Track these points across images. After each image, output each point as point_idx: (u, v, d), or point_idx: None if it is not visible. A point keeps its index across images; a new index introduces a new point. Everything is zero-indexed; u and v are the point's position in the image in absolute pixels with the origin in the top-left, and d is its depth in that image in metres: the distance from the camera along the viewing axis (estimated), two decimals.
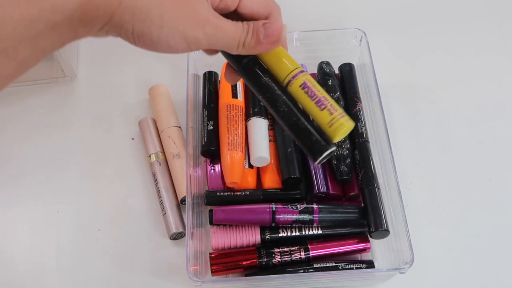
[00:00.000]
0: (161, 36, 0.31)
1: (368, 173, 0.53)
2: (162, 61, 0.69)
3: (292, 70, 0.38)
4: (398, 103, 0.65)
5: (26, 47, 0.28)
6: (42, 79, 0.67)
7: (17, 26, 0.27)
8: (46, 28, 0.28)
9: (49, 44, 0.29)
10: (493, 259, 0.55)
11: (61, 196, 0.59)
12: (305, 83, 0.37)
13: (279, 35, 0.35)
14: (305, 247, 0.51)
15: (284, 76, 0.38)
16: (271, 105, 0.38)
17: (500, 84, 0.67)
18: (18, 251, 0.56)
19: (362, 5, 0.74)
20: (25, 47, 0.28)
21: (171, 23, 0.31)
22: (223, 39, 0.34)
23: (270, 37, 0.35)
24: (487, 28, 0.72)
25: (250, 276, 0.51)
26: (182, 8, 0.32)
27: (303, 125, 0.37)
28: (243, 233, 0.52)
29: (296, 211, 0.51)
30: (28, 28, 0.27)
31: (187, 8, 0.32)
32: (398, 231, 0.50)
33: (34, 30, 0.27)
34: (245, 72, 0.39)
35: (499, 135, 0.63)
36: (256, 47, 0.35)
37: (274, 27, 0.35)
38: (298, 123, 0.37)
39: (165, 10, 0.31)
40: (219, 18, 0.34)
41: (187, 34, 0.32)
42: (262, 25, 0.35)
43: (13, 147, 0.63)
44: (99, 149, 0.62)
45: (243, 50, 0.35)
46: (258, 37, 0.34)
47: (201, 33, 0.32)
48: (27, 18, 0.27)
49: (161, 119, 0.61)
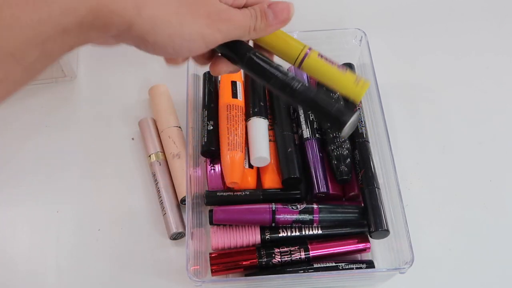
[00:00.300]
0: (183, 44, 0.32)
1: (368, 173, 0.53)
2: (162, 61, 0.69)
3: (303, 46, 0.39)
4: (398, 103, 0.65)
5: (33, 51, 0.27)
6: (42, 79, 0.67)
7: (25, 29, 0.26)
8: (55, 31, 0.27)
9: (58, 48, 0.28)
10: (493, 259, 0.55)
11: (61, 196, 0.59)
12: (321, 54, 0.39)
13: (288, 12, 0.35)
14: (305, 247, 0.51)
15: (296, 54, 0.39)
16: (284, 88, 0.38)
17: (500, 84, 0.67)
18: (18, 251, 0.56)
19: (362, 5, 0.74)
20: (33, 51, 0.27)
21: (190, 29, 0.31)
22: (236, 29, 0.34)
23: (279, 16, 0.35)
24: (487, 28, 0.72)
25: (250, 276, 0.51)
26: (197, 11, 0.32)
27: (323, 96, 0.38)
28: (243, 233, 0.52)
29: (296, 211, 0.51)
30: (36, 31, 0.26)
31: (201, 10, 0.32)
32: (398, 231, 0.50)
33: (43, 34, 0.26)
34: (251, 64, 0.38)
35: (499, 135, 0.63)
36: (267, 28, 0.35)
37: (280, 5, 0.35)
38: (318, 95, 0.37)
39: (183, 17, 0.31)
40: (227, 10, 0.34)
41: (205, 37, 0.32)
42: (268, 6, 0.35)
43: (13, 147, 0.63)
44: (99, 149, 0.62)
45: (254, 34, 0.35)
46: (267, 19, 0.35)
47: (217, 32, 0.33)
48: (36, 20, 0.26)
49: (161, 119, 0.61)
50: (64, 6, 0.27)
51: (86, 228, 0.57)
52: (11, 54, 0.26)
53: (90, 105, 0.66)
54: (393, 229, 0.51)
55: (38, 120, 0.65)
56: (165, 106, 0.62)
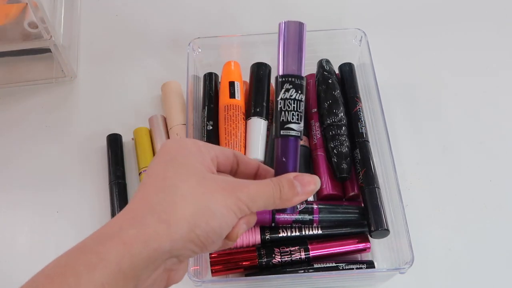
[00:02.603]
0: (215, 224, 0.30)
1: (369, 173, 0.53)
2: (162, 62, 0.69)
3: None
4: (398, 103, 0.65)
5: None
6: (42, 79, 0.67)
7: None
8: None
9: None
10: (493, 259, 0.55)
11: (61, 196, 0.59)
12: None
13: (314, 185, 0.35)
14: (305, 247, 0.51)
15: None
16: None
17: (500, 84, 0.67)
18: (18, 252, 0.56)
19: (362, 5, 0.74)
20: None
21: (218, 220, 0.30)
22: (259, 197, 0.33)
23: (306, 187, 0.34)
24: (487, 28, 0.72)
25: (250, 276, 0.51)
26: (212, 188, 0.31)
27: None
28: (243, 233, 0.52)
29: (296, 211, 0.51)
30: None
31: (214, 185, 0.31)
32: (398, 231, 0.50)
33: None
34: None
35: (499, 135, 0.63)
36: (294, 198, 0.34)
37: (307, 178, 0.34)
38: None
39: (209, 218, 0.30)
40: (242, 181, 0.33)
41: (232, 207, 0.31)
42: (294, 178, 0.34)
43: (13, 147, 0.63)
44: (99, 149, 0.62)
45: (280, 203, 0.34)
46: (295, 188, 0.34)
47: (238, 200, 0.31)
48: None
49: (171, 116, 0.61)
50: (118, 270, 0.27)
51: (86, 228, 0.57)
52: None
53: (90, 105, 0.66)
54: (393, 229, 0.51)
55: (38, 120, 0.65)
56: (176, 103, 0.62)
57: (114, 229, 0.28)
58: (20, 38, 0.60)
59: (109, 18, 0.73)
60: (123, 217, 0.29)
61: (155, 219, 0.28)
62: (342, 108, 0.57)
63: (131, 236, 0.28)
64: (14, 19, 0.59)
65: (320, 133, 0.57)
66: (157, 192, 0.30)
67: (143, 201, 0.30)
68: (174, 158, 0.31)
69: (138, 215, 0.29)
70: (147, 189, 0.30)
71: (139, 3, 0.75)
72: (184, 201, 0.29)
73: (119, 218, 0.29)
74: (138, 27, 0.73)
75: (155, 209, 0.29)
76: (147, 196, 0.30)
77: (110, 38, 0.72)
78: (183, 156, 0.32)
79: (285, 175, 0.34)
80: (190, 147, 0.32)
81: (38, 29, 0.59)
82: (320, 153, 0.56)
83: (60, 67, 0.65)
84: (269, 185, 0.33)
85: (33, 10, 0.56)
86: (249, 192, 0.32)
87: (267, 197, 0.33)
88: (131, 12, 0.74)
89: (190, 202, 0.29)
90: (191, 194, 0.30)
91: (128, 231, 0.28)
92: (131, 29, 0.72)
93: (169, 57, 0.69)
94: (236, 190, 0.31)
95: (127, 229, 0.28)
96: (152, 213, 0.29)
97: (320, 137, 0.57)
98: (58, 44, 0.61)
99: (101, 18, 0.74)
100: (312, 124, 0.58)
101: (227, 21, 0.73)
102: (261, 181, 0.33)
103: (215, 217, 0.30)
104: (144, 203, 0.30)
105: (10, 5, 0.59)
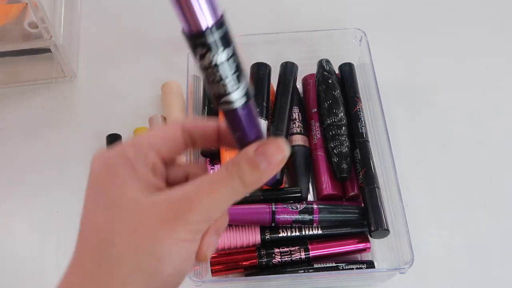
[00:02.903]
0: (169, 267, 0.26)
1: (369, 173, 0.53)
2: (162, 62, 0.69)
3: None
4: (398, 103, 0.65)
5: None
6: (42, 79, 0.67)
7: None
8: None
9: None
10: (493, 259, 0.55)
11: (61, 196, 0.59)
12: None
13: (282, 151, 0.27)
14: (305, 247, 0.51)
15: None
16: None
17: (500, 84, 0.67)
18: (18, 251, 0.56)
19: (362, 5, 0.74)
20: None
21: (170, 263, 0.26)
22: (220, 201, 0.27)
23: (273, 161, 0.27)
24: (487, 29, 0.72)
25: (250, 276, 0.51)
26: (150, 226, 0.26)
27: None
28: (243, 233, 0.52)
29: (296, 211, 0.51)
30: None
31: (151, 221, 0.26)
32: (398, 231, 0.50)
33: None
34: None
35: (499, 135, 0.63)
36: (262, 179, 0.27)
37: (269, 147, 0.27)
38: None
39: (157, 268, 0.26)
40: (190, 184, 0.27)
41: (185, 240, 0.27)
42: (255, 152, 0.27)
43: (13, 147, 0.63)
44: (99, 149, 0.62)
45: (246, 190, 0.27)
46: (259, 168, 0.27)
47: (195, 214, 0.26)
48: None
49: (171, 116, 0.61)
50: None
51: None
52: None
53: (90, 105, 0.66)
54: (393, 229, 0.51)
55: (38, 120, 0.65)
56: (176, 103, 0.62)
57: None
58: (20, 38, 0.60)
59: (109, 18, 0.73)
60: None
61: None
62: (342, 108, 0.57)
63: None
64: (14, 19, 0.59)
65: (320, 133, 0.57)
66: (92, 254, 0.26)
67: (80, 271, 0.26)
68: (104, 194, 0.27)
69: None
70: (82, 250, 0.27)
71: (139, 3, 0.75)
72: (122, 265, 0.25)
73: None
74: (138, 27, 0.73)
75: (94, 280, 0.26)
76: (83, 264, 0.26)
77: (110, 38, 0.72)
78: (115, 186, 0.27)
79: (243, 154, 0.27)
80: (119, 169, 0.27)
81: (38, 29, 0.59)
82: (320, 153, 0.56)
83: (60, 67, 0.65)
84: (225, 178, 0.27)
85: (33, 10, 0.56)
86: (199, 207, 0.26)
87: (227, 195, 0.27)
88: (131, 12, 0.74)
89: (130, 262, 0.25)
90: (129, 248, 0.25)
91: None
92: (131, 29, 0.72)
93: (169, 57, 0.69)
94: (182, 214, 0.26)
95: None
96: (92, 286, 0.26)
97: (320, 137, 0.57)
98: (58, 44, 0.61)
99: (101, 18, 0.74)
100: (312, 124, 0.58)
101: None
102: (213, 178, 0.27)
103: (165, 263, 0.25)
104: (81, 274, 0.26)
105: (10, 5, 0.59)
